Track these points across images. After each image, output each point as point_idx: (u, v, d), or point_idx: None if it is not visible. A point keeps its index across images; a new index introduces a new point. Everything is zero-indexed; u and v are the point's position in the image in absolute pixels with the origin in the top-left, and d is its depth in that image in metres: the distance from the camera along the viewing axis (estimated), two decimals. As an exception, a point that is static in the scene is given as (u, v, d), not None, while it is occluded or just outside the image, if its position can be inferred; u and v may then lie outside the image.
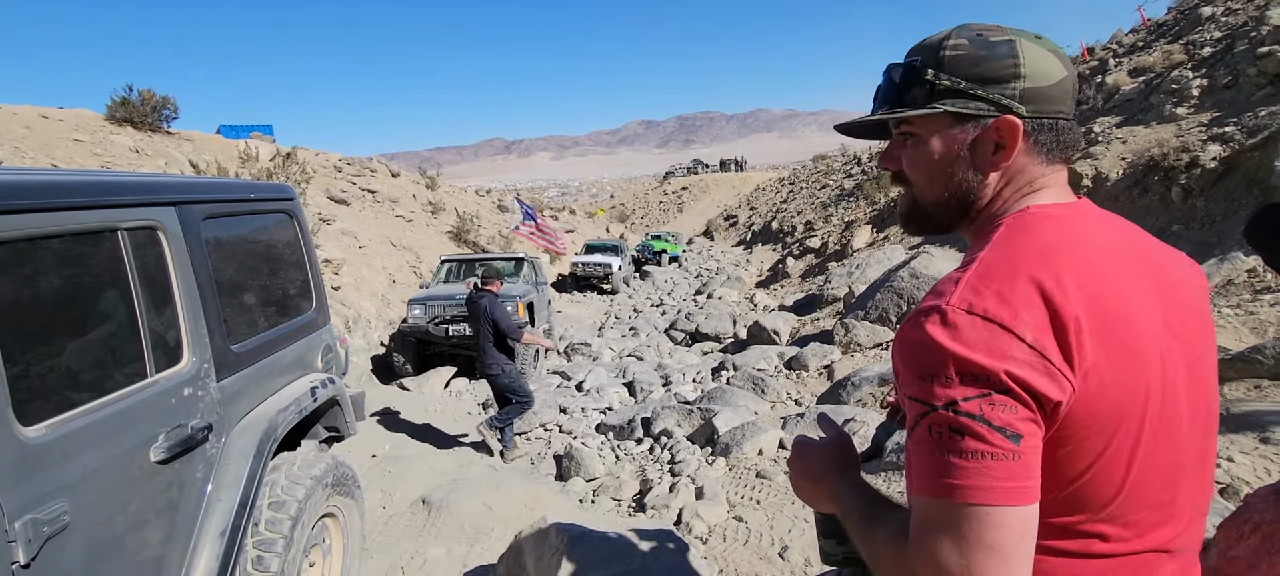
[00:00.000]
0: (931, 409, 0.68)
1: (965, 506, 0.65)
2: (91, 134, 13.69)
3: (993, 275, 0.71)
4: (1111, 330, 0.69)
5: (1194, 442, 0.76)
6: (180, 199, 2.17)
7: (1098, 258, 0.74)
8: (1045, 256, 0.72)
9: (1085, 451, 0.69)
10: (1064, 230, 0.76)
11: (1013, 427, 0.65)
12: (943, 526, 0.66)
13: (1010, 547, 0.64)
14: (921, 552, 0.67)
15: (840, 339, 7.57)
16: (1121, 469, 0.71)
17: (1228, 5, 12.39)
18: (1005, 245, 0.76)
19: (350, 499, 2.88)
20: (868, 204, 19.73)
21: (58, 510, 1.53)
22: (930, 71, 0.80)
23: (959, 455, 0.66)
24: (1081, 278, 0.70)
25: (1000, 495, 0.64)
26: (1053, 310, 0.68)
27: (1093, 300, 0.69)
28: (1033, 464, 0.66)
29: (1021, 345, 0.66)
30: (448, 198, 23.88)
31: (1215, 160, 7.68)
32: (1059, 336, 0.67)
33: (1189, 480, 0.76)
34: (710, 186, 64.86)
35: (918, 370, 0.70)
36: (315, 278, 3.16)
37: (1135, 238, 0.81)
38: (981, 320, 0.68)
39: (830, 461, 0.93)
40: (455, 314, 8.63)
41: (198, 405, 2.07)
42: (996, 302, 0.68)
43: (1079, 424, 0.68)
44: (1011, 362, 0.66)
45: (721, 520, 3.77)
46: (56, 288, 1.72)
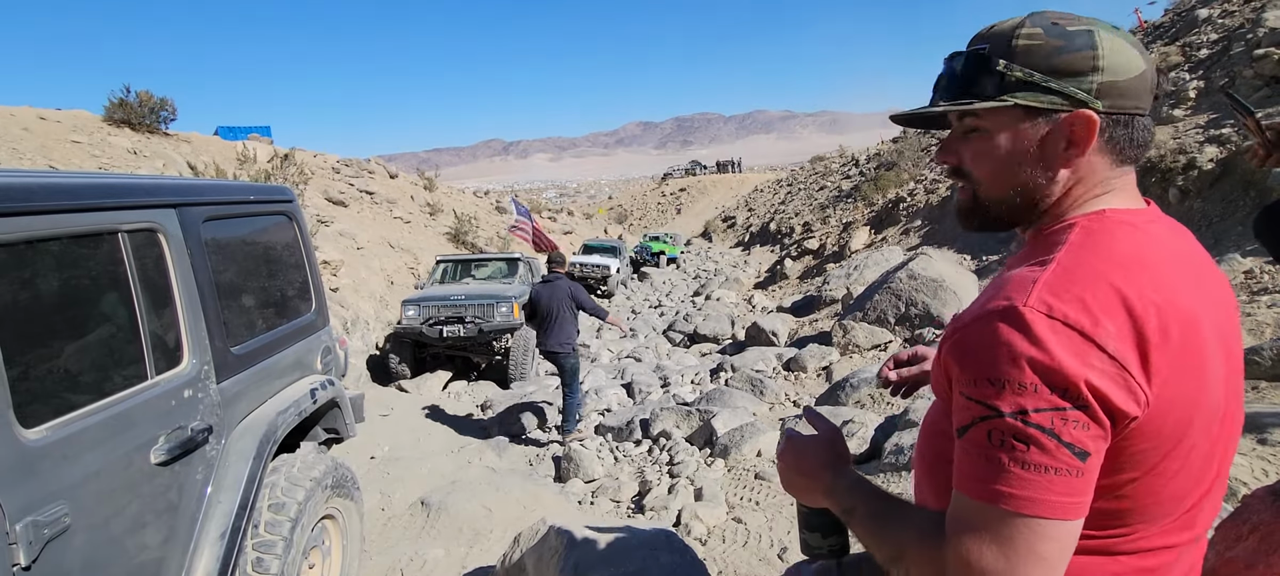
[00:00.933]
0: (996, 414, 0.65)
1: (1018, 516, 0.63)
2: (89, 135, 13.66)
3: (1074, 279, 0.68)
4: (1183, 345, 0.67)
5: (1228, 451, 0.77)
6: (180, 201, 2.18)
7: (1172, 269, 0.71)
8: (1126, 264, 0.69)
9: (1139, 462, 0.68)
10: (1142, 238, 0.73)
11: (1082, 445, 0.63)
12: (990, 531, 0.64)
13: (1057, 558, 0.63)
14: (963, 553, 0.66)
15: (838, 340, 7.58)
16: (1170, 479, 0.70)
17: (1224, 7, 12.43)
18: (1083, 248, 0.72)
19: (349, 500, 2.88)
20: (866, 205, 19.75)
21: (58, 512, 1.53)
22: (1001, 61, 0.76)
23: (1020, 465, 0.63)
24: (1159, 289, 0.68)
25: (1057, 509, 0.63)
26: (1134, 320, 0.65)
27: (1168, 313, 0.67)
28: (1093, 480, 0.65)
29: (1102, 355, 0.64)
30: (446, 199, 23.87)
31: (1212, 162, 7.71)
32: (1140, 347, 0.65)
33: (1219, 485, 0.77)
34: (708, 188, 64.89)
35: (985, 371, 0.67)
36: (315, 279, 3.16)
37: (1196, 247, 0.79)
38: (1063, 325, 0.65)
39: (824, 456, 0.91)
40: (450, 315, 8.54)
41: (197, 407, 2.07)
42: (1078, 308, 0.66)
43: (1143, 436, 0.67)
44: (1092, 372, 0.63)
45: (720, 521, 3.77)
46: (57, 290, 1.72)
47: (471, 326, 8.49)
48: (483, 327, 8.49)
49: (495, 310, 8.58)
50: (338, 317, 9.48)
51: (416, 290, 9.84)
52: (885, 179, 19.88)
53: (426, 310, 8.63)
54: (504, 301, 8.65)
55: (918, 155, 21.42)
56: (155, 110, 15.72)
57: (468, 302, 8.63)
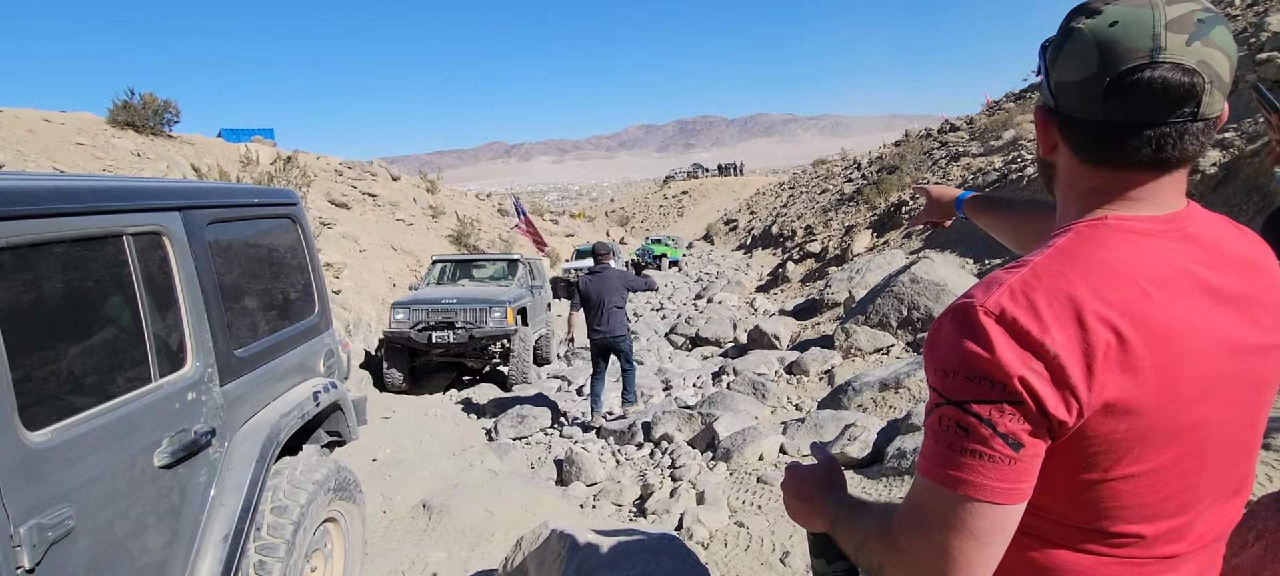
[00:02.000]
0: (945, 401, 0.71)
1: (954, 495, 0.69)
2: (93, 137, 13.72)
3: (1037, 284, 0.71)
4: (1153, 359, 0.68)
5: (1237, 461, 0.77)
6: (185, 204, 2.18)
7: (1158, 283, 0.71)
8: (1096, 275, 0.70)
9: (1102, 466, 0.71)
10: (1132, 249, 0.73)
11: (1016, 437, 0.67)
12: (933, 507, 0.71)
13: (988, 536, 0.69)
14: (909, 523, 0.73)
15: (840, 343, 7.58)
16: (1138, 486, 0.72)
17: (1227, 11, 12.43)
18: (1062, 255, 0.73)
19: (352, 503, 2.88)
20: (868, 208, 19.74)
21: (62, 515, 1.54)
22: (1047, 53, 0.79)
23: (960, 451, 0.69)
24: (1131, 304, 0.69)
25: (989, 493, 0.68)
26: (1084, 332, 0.67)
27: (1130, 328, 0.68)
28: (1028, 470, 0.69)
29: (1043, 360, 0.67)
30: (448, 201, 23.91)
31: (1215, 166, 7.70)
32: (1086, 358, 0.67)
33: (1219, 503, 0.77)
34: (710, 190, 64.92)
35: (940, 362, 0.72)
36: (318, 282, 3.16)
37: (1226, 256, 0.76)
38: (1008, 328, 0.68)
39: (819, 481, 0.96)
40: (440, 320, 8.17)
41: (201, 410, 2.07)
42: (1029, 314, 0.68)
43: (1098, 443, 0.70)
44: (1029, 373, 0.67)
45: (722, 525, 3.76)
46: (61, 292, 1.72)
47: (462, 332, 8.15)
48: (473, 334, 8.15)
49: (487, 315, 8.25)
50: (340, 320, 9.48)
51: (410, 291, 9.45)
52: (887, 182, 19.87)
53: (416, 314, 8.27)
54: (497, 306, 8.33)
55: (919, 159, 21.42)
56: (159, 113, 15.78)
57: (458, 307, 8.29)
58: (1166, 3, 0.71)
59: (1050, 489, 0.73)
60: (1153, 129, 0.72)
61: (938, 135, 24.73)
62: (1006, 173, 14.04)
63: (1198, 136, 0.72)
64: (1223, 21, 0.71)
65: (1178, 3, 0.70)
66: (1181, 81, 0.69)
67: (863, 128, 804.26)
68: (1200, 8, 0.71)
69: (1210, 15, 0.70)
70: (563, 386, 8.42)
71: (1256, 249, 0.80)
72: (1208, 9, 0.71)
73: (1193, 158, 0.74)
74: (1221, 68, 0.70)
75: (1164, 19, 0.70)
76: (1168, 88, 0.69)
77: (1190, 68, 0.69)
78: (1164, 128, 0.71)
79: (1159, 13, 0.70)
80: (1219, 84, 0.70)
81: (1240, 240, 0.79)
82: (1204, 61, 0.69)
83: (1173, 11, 0.70)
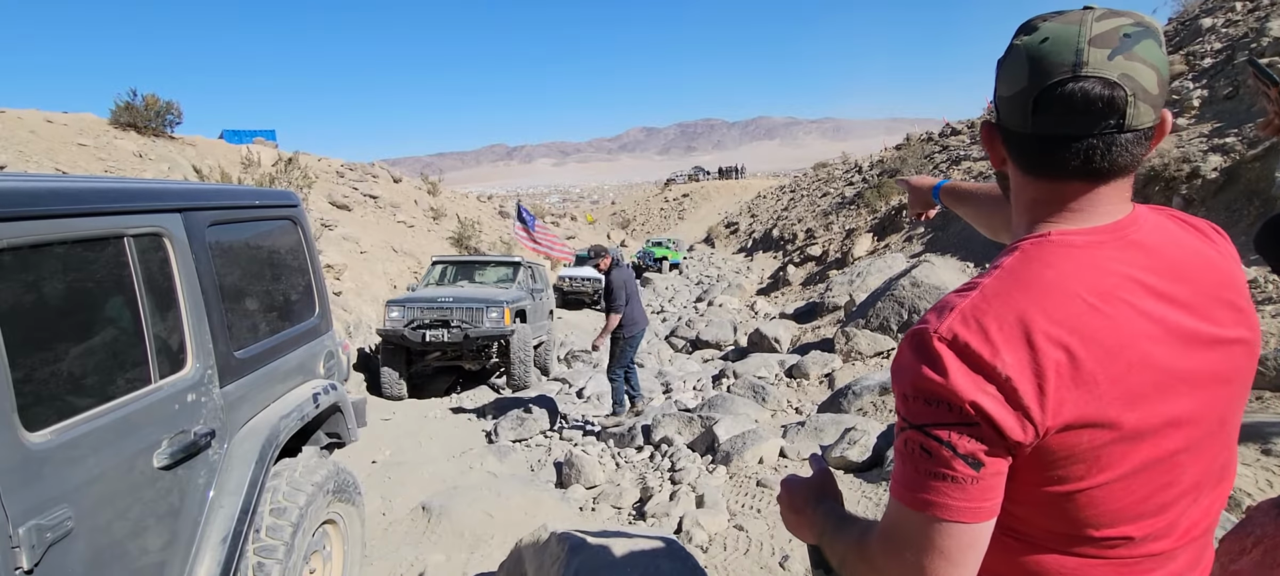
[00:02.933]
0: (908, 425, 0.73)
1: (922, 516, 0.71)
2: (95, 138, 13.75)
3: (987, 307, 0.72)
4: (1106, 372, 0.70)
5: (1209, 461, 0.77)
6: (186, 205, 2.19)
7: (1102, 297, 0.72)
8: (1044, 294, 0.72)
9: (1076, 477, 0.72)
10: (1075, 264, 0.74)
11: (975, 457, 0.69)
12: (905, 528, 0.73)
13: (958, 554, 0.71)
14: (884, 543, 0.76)
15: (841, 347, 7.58)
16: (1108, 494, 0.73)
17: (1228, 16, 12.43)
18: (1009, 276, 0.75)
19: (351, 505, 2.88)
20: (869, 212, 19.75)
21: (61, 516, 1.54)
22: None
23: (924, 473, 0.71)
24: (1078, 321, 0.70)
25: (955, 513, 0.70)
26: (1034, 353, 0.69)
27: (1087, 344, 0.70)
28: (991, 487, 0.71)
29: (994, 384, 0.69)
30: (449, 203, 23.93)
31: (1216, 171, 7.70)
32: (1037, 379, 0.69)
33: (1201, 497, 0.78)
34: (711, 193, 64.95)
35: (901, 387, 0.75)
36: (318, 284, 3.17)
37: (1168, 253, 0.77)
38: (960, 353, 0.70)
39: (811, 494, 0.98)
40: (434, 318, 7.95)
41: (201, 411, 2.07)
42: (980, 338, 0.70)
43: (1066, 457, 0.71)
44: (982, 397, 0.69)
45: (722, 529, 3.76)
46: (62, 293, 1.73)
47: (457, 331, 7.93)
48: (469, 333, 7.95)
49: (484, 315, 8.05)
50: (340, 321, 9.48)
51: (407, 292, 9.24)
52: (888, 186, 19.87)
53: (410, 312, 8.05)
54: (494, 306, 8.12)
55: (921, 162, 21.42)
56: (161, 114, 15.82)
57: (454, 306, 8.09)
58: (1097, 18, 0.73)
59: (1030, 501, 0.75)
60: (1080, 141, 0.73)
61: (939, 138, 24.73)
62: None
63: (1127, 148, 0.73)
64: (1152, 35, 0.72)
65: (1108, 18, 0.73)
66: (1102, 94, 0.71)
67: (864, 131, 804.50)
68: (1130, 22, 0.72)
69: (1139, 30, 0.72)
70: (563, 389, 8.41)
71: (1207, 244, 0.81)
72: (1138, 23, 0.72)
73: (1126, 168, 0.75)
74: (1146, 80, 0.71)
75: (1089, 34, 0.72)
76: (1088, 100, 0.71)
77: (1111, 81, 0.70)
78: (1091, 139, 0.73)
79: (1085, 28, 0.72)
80: (1145, 96, 0.71)
81: (1190, 238, 0.80)
82: (1127, 74, 0.71)
83: (1100, 27, 0.72)
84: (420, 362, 8.44)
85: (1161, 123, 0.75)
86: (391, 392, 8.00)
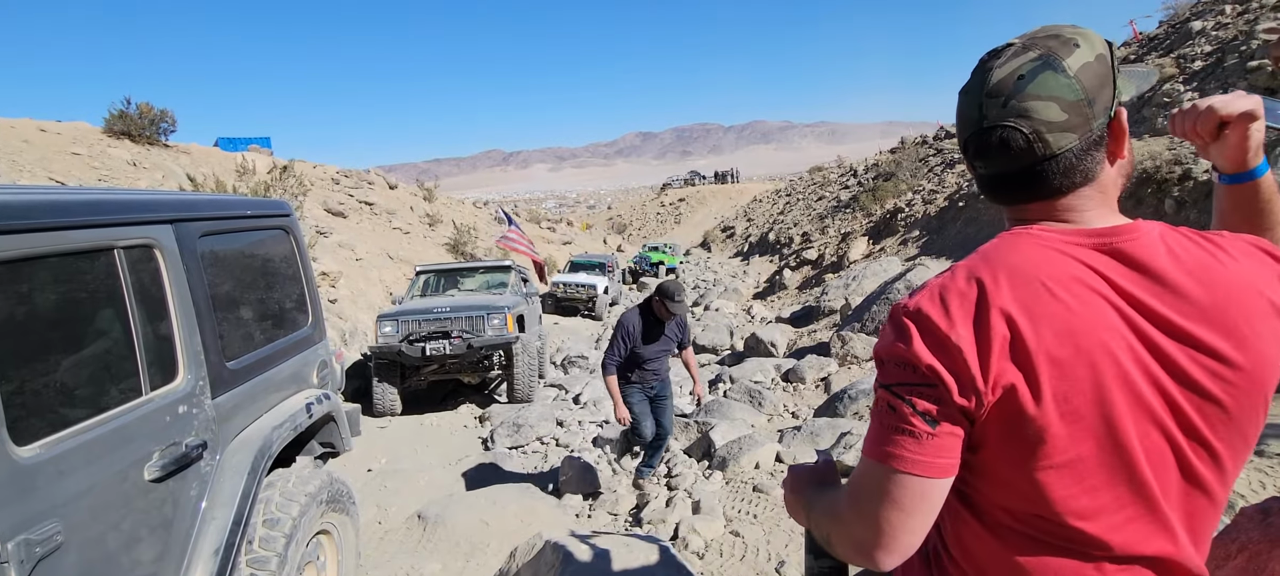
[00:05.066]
0: (880, 386, 0.82)
1: (883, 468, 0.79)
2: (89, 147, 13.71)
3: (951, 285, 0.80)
4: (1048, 353, 0.75)
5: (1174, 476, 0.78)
6: (177, 216, 2.18)
7: (1061, 286, 0.77)
8: (1005, 276, 0.78)
9: (1029, 454, 0.77)
10: (1038, 254, 0.79)
11: (931, 415, 0.77)
12: (866, 479, 0.81)
13: (910, 505, 0.78)
14: (849, 497, 0.84)
15: (837, 351, 7.58)
16: (1069, 479, 0.77)
17: (1218, 20, 12.52)
18: (980, 258, 0.82)
19: (345, 515, 2.87)
20: (864, 216, 19.79)
21: (51, 530, 1.53)
22: None
23: (888, 428, 0.79)
24: (1030, 302, 0.76)
25: (909, 465, 0.77)
26: (986, 327, 0.76)
27: (1034, 323, 0.76)
28: (944, 446, 0.77)
29: (948, 351, 0.77)
30: (445, 209, 23.92)
31: (1207, 173, 7.74)
32: (984, 351, 0.76)
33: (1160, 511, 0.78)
34: (707, 198, 65.05)
35: (878, 353, 0.84)
36: (312, 293, 3.16)
37: (1156, 264, 0.78)
38: (923, 324, 0.79)
39: (811, 478, 1.02)
40: (433, 330, 7.49)
41: (192, 422, 2.07)
42: (940, 312, 0.78)
43: (997, 427, 0.78)
44: (937, 361, 0.77)
45: (718, 535, 3.76)
46: (52, 306, 1.72)
47: (459, 342, 7.40)
48: (471, 343, 7.42)
49: (486, 322, 7.58)
50: (336, 329, 9.44)
51: (393, 304, 8.66)
52: (883, 189, 19.93)
53: (406, 325, 7.50)
54: (496, 313, 7.67)
55: (915, 166, 21.49)
56: (155, 122, 15.78)
57: (453, 315, 7.62)
58: (999, 65, 0.81)
59: (1004, 484, 0.80)
60: (1009, 176, 0.82)
61: (934, 142, 24.82)
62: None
63: (1057, 174, 0.80)
64: (1049, 66, 0.78)
65: (1009, 61, 0.80)
66: (1002, 140, 0.80)
67: (859, 134, 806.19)
68: (1026, 61, 0.79)
69: (1034, 66, 0.79)
70: (559, 395, 8.40)
71: (1223, 266, 0.79)
72: (1032, 60, 0.79)
73: (1066, 187, 0.81)
74: (1047, 113, 0.78)
75: (986, 86, 0.81)
76: (990, 148, 0.81)
77: (1008, 126, 0.79)
78: (1017, 173, 0.82)
79: (987, 78, 0.81)
80: (1049, 127, 0.78)
81: (1198, 256, 0.80)
82: (1024, 114, 0.78)
83: (997, 75, 0.80)
84: (415, 377, 7.90)
85: (1114, 125, 0.81)
86: (385, 410, 7.51)
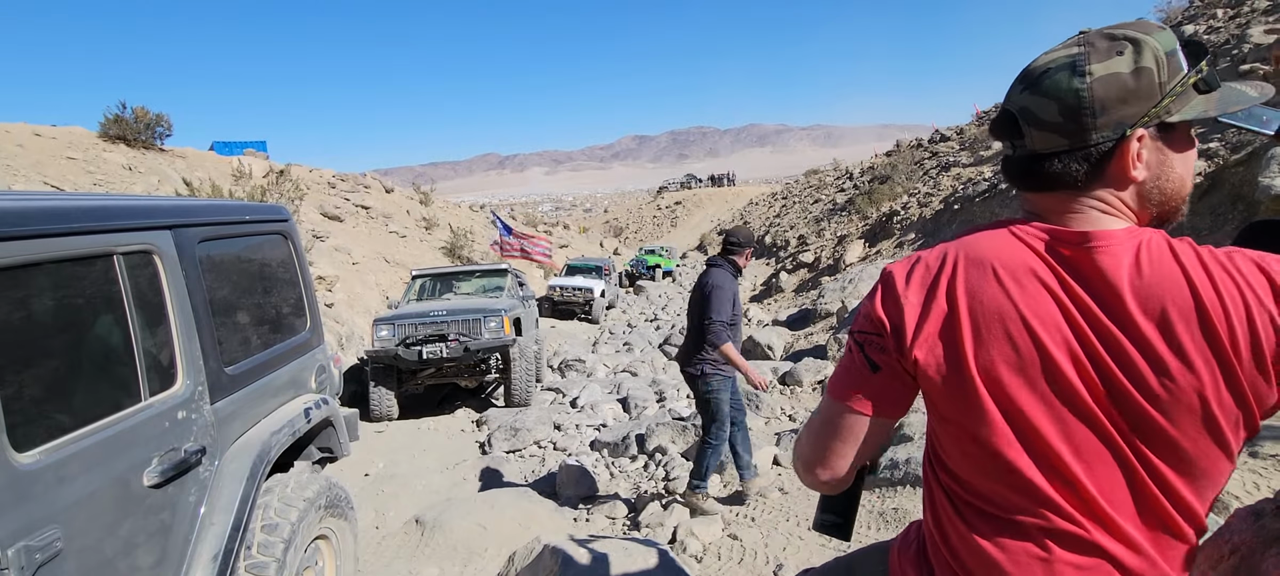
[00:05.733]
0: (849, 332, 0.94)
1: (830, 399, 0.94)
2: (84, 152, 13.67)
3: (923, 258, 0.90)
4: (976, 333, 0.82)
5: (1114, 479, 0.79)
6: (176, 222, 2.19)
7: (1012, 276, 0.82)
8: (965, 258, 0.86)
9: (939, 411, 0.88)
10: (1004, 245, 0.85)
11: (875, 359, 0.89)
12: (821, 408, 0.96)
13: (847, 435, 0.92)
14: (808, 421, 0.99)
15: (834, 354, 7.60)
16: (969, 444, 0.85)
17: (1209, 23, 12.61)
18: (958, 240, 0.90)
19: (343, 520, 2.87)
20: (860, 218, 19.84)
21: (50, 536, 1.53)
22: None
23: (844, 368, 0.93)
24: (976, 285, 0.84)
25: (850, 399, 0.91)
26: (932, 297, 0.86)
27: (973, 302, 0.83)
28: (883, 390, 0.90)
29: (897, 309, 0.88)
30: (441, 213, 23.90)
31: (1201, 176, 7.79)
32: (921, 317, 0.86)
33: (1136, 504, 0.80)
34: (703, 201, 65.11)
35: (861, 304, 0.96)
36: (310, 298, 3.16)
37: (1115, 271, 0.78)
38: (887, 284, 0.91)
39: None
40: (430, 333, 7.43)
41: (191, 428, 2.07)
42: (903, 278, 0.90)
43: (928, 383, 0.86)
44: (886, 316, 0.89)
45: (716, 538, 3.76)
46: (51, 312, 1.72)
47: (455, 345, 7.37)
48: (469, 346, 7.39)
49: (483, 325, 7.55)
50: (332, 333, 9.40)
51: (389, 308, 8.61)
52: (879, 192, 19.98)
53: (402, 329, 7.44)
54: (492, 315, 7.64)
55: (910, 169, 21.56)
56: (151, 126, 15.74)
57: (450, 318, 7.60)
58: (1048, 52, 0.85)
59: (950, 452, 0.89)
60: (1011, 161, 0.90)
61: (928, 145, 24.91)
62: (996, 182, 14.15)
63: (1047, 174, 0.84)
64: (1064, 70, 0.81)
65: (1053, 52, 0.85)
66: (1004, 120, 0.87)
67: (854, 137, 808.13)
68: (1063, 55, 0.82)
69: (1062, 62, 0.81)
70: (556, 398, 8.39)
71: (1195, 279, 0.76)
72: (1067, 56, 0.81)
73: (1057, 187, 0.84)
74: (1043, 111, 0.82)
75: (1029, 67, 0.86)
76: (998, 122, 0.89)
77: (1012, 112, 0.86)
78: (1012, 160, 0.89)
79: (1035, 62, 0.86)
80: (1039, 123, 0.82)
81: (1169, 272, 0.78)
82: (1025, 107, 0.84)
83: (1038, 61, 0.85)
84: (412, 382, 7.85)
85: (1122, 146, 0.80)
86: (382, 415, 7.44)
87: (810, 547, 3.45)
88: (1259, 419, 0.78)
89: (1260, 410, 0.77)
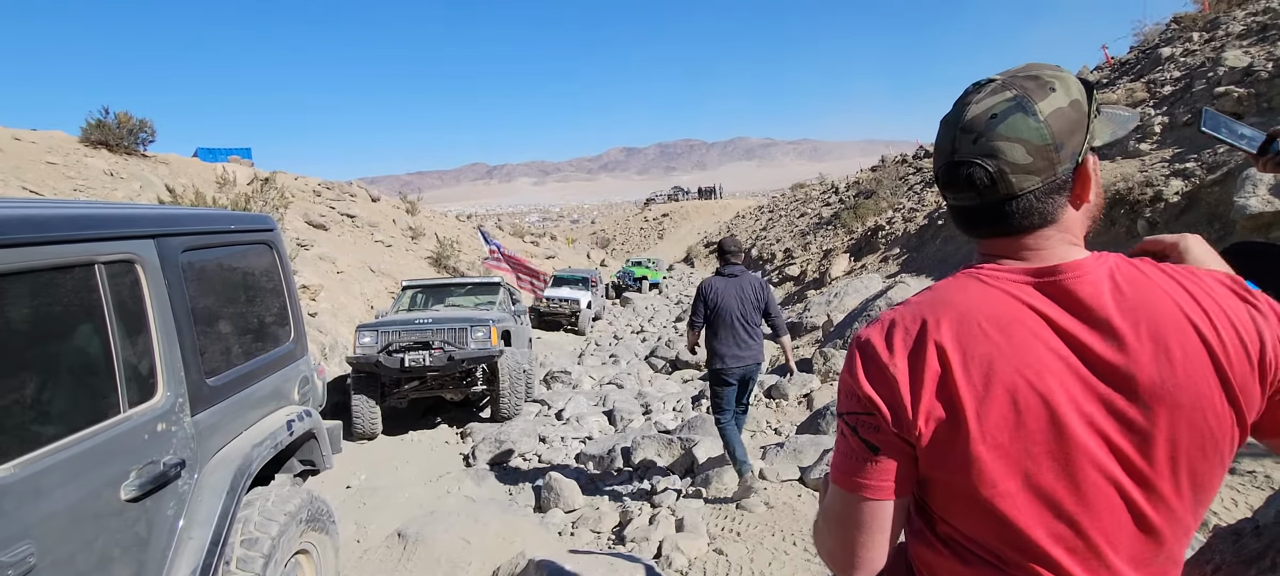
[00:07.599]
0: (838, 414, 0.89)
1: (836, 489, 0.87)
2: (65, 157, 13.47)
3: (900, 320, 0.85)
4: (974, 390, 0.79)
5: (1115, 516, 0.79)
6: (159, 231, 2.16)
7: (998, 326, 0.80)
8: (946, 314, 0.82)
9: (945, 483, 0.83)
10: (982, 295, 0.83)
11: (873, 441, 0.84)
12: (830, 500, 0.89)
13: (868, 525, 0.85)
14: (822, 512, 0.93)
15: (819, 367, 7.63)
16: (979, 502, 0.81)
17: (1186, 46, 12.91)
18: (931, 294, 0.87)
19: (325, 534, 2.83)
20: (846, 233, 20.00)
21: (23, 552, 1.49)
22: None
23: (843, 454, 0.87)
24: (966, 340, 0.80)
25: (861, 489, 0.84)
26: (922, 361, 0.81)
27: (966, 359, 0.80)
28: (886, 470, 0.83)
29: (886, 383, 0.82)
30: (428, 222, 23.77)
31: (1177, 194, 7.95)
32: (916, 384, 0.81)
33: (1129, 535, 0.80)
34: (691, 213, 65.37)
35: (838, 383, 0.92)
36: (294, 308, 3.13)
37: (1095, 306, 0.80)
38: (868, 355, 0.85)
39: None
40: (414, 341, 7.24)
41: (171, 440, 2.03)
42: (884, 345, 0.84)
43: (931, 453, 0.82)
44: (876, 392, 0.83)
45: (701, 553, 3.75)
46: (30, 322, 1.69)
47: (440, 354, 7.18)
48: (453, 355, 7.20)
49: (468, 335, 7.38)
50: (316, 343, 9.30)
51: (374, 317, 8.43)
52: (865, 207, 20.17)
53: (385, 336, 7.25)
54: (479, 325, 7.50)
55: (896, 184, 21.79)
56: (133, 132, 15.56)
57: (435, 327, 7.40)
58: (976, 100, 0.83)
59: (950, 507, 0.85)
60: (974, 210, 0.85)
61: (913, 161, 25.21)
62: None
63: (1018, 213, 0.82)
64: (1021, 109, 0.80)
65: (983, 100, 0.83)
66: (967, 175, 0.83)
67: (840, 152, 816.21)
68: (1000, 100, 0.82)
69: (1007, 106, 0.81)
70: (542, 410, 8.34)
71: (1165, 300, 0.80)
72: (1006, 100, 0.81)
73: (1033, 225, 0.83)
74: (1013, 154, 0.80)
75: (962, 120, 0.83)
76: (957, 181, 0.84)
77: (975, 163, 0.82)
78: (981, 208, 0.85)
79: (964, 113, 0.84)
80: (1014, 167, 0.80)
81: (1146, 292, 0.80)
82: (991, 153, 0.81)
83: (973, 111, 0.83)
84: (396, 393, 7.60)
85: (1080, 172, 0.83)
86: (364, 429, 7.12)
87: (796, 562, 3.45)
88: (1249, 421, 0.80)
89: (1250, 413, 0.80)
